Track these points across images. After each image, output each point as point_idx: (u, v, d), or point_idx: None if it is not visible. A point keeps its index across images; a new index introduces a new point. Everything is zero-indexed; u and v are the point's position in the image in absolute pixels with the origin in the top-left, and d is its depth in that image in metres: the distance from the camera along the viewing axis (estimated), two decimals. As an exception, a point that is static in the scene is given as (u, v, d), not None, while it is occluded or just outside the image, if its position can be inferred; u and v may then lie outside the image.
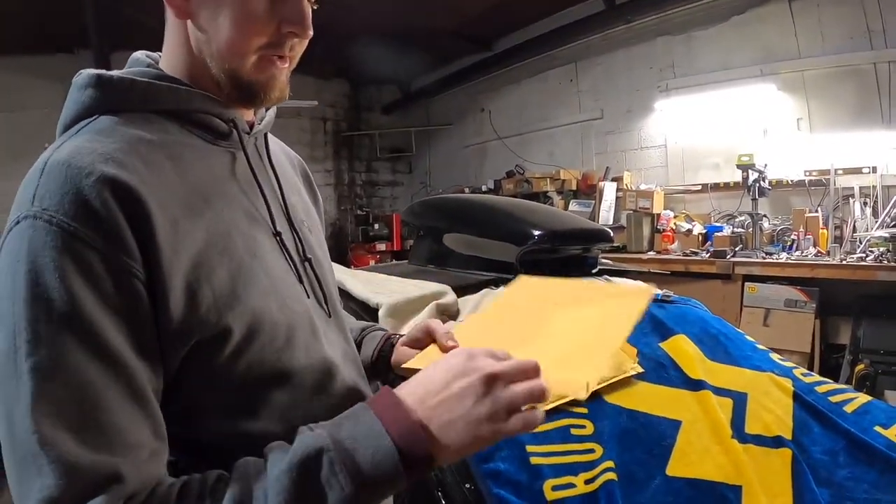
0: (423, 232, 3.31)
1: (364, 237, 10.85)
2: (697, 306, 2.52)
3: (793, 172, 6.21)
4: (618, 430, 1.75)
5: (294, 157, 1.43)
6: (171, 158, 0.98)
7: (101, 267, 0.84)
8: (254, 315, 0.98)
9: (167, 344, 0.90)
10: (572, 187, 8.13)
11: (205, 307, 0.92)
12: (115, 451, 0.81)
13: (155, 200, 0.89)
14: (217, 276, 0.95)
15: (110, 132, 0.95)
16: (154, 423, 0.87)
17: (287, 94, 1.11)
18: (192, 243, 0.93)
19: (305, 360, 1.07)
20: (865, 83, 5.77)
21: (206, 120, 1.07)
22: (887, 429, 1.84)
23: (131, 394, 0.85)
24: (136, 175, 0.89)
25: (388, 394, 0.91)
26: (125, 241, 0.86)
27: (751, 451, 1.74)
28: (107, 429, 0.81)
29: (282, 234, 1.12)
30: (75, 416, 0.80)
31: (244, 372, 0.97)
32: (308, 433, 0.88)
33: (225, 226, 1.00)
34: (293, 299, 1.09)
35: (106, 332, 0.83)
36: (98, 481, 0.79)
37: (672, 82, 7.25)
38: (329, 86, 11.37)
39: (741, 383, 1.99)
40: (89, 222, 0.84)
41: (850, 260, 5.36)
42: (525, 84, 9.41)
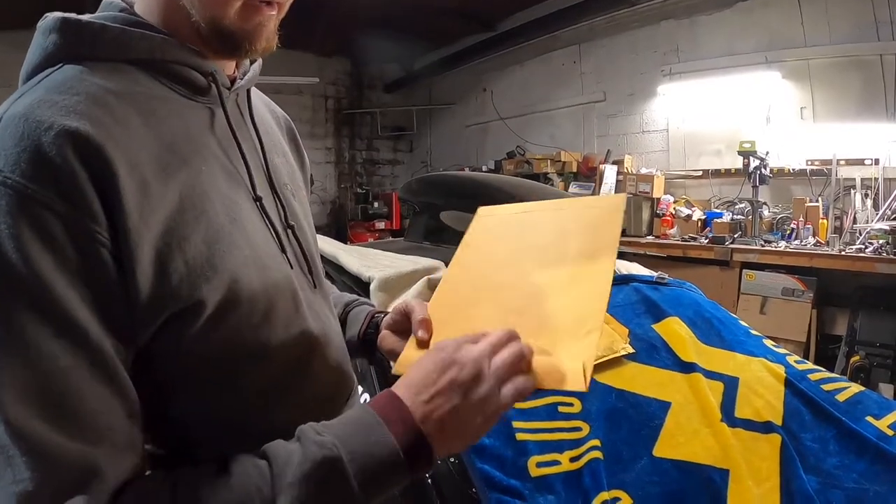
0: (419, 208, 3.29)
1: (363, 215, 10.84)
2: (692, 290, 2.51)
3: (794, 161, 6.18)
4: (606, 409, 1.73)
5: (280, 115, 1.34)
6: (142, 114, 0.88)
7: (62, 233, 0.75)
8: (231, 286, 0.90)
9: (136, 318, 0.82)
10: (573, 169, 8.10)
11: (176, 279, 0.84)
12: (90, 439, 0.74)
13: (123, 159, 0.81)
14: (191, 243, 0.87)
15: (74, 83, 0.85)
16: (127, 404, 0.80)
17: (274, 45, 1.01)
18: (164, 207, 0.85)
19: (285, 335, 1.00)
20: (871, 74, 5.72)
21: (183, 72, 0.97)
22: (879, 419, 1.83)
23: (101, 373, 0.77)
24: (103, 130, 0.81)
25: (391, 399, 0.87)
26: (89, 205, 0.77)
27: (740, 435, 1.73)
28: (78, 414, 0.74)
29: (262, 199, 1.04)
30: (43, 401, 0.72)
31: (219, 348, 0.90)
32: (315, 438, 0.83)
33: (202, 186, 0.91)
34: (274, 269, 1.01)
35: (70, 305, 0.75)
36: (77, 475, 0.72)
37: (676, 67, 7.21)
38: (330, 63, 11.35)
39: (733, 367, 1.97)
40: (49, 183, 0.75)
41: (849, 251, 5.34)
42: (528, 65, 9.37)
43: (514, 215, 1.34)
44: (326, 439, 0.82)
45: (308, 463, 0.79)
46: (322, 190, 11.46)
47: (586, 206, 1.27)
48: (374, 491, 0.82)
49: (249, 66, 1.12)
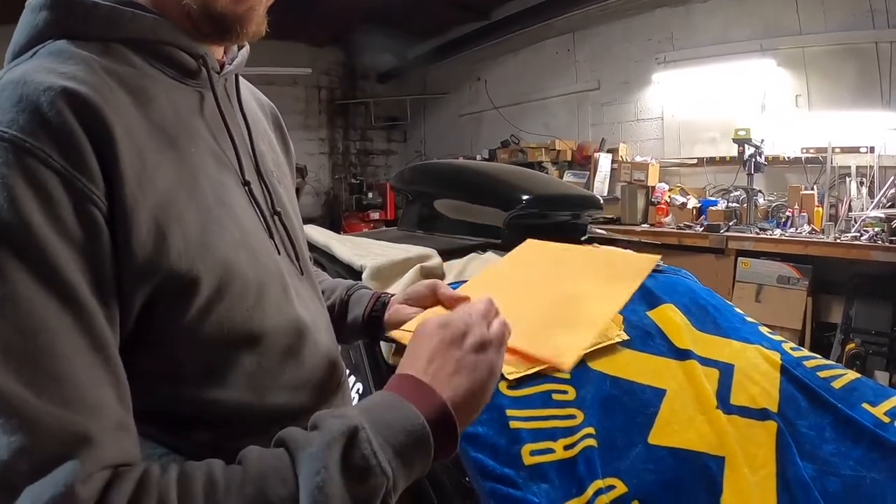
0: (412, 197, 3.27)
1: (357, 206, 10.82)
2: (687, 277, 2.50)
3: (790, 149, 6.19)
4: (600, 396, 1.72)
5: (266, 104, 1.32)
6: (132, 92, 0.86)
7: (59, 189, 0.73)
8: (224, 267, 0.89)
9: (126, 286, 0.78)
10: (567, 158, 8.13)
11: (175, 253, 0.82)
12: (79, 409, 0.69)
13: (121, 126, 0.79)
14: (187, 221, 0.85)
15: (68, 55, 0.83)
16: (117, 382, 0.75)
17: (263, 29, 1.00)
18: (160, 181, 0.83)
19: (276, 320, 0.99)
20: (866, 62, 5.73)
21: (173, 54, 0.94)
22: (875, 406, 1.82)
23: (91, 342, 0.73)
24: (101, 96, 0.79)
25: (401, 378, 0.88)
26: (87, 164, 0.75)
27: (735, 422, 1.72)
28: (66, 381, 0.69)
29: (251, 184, 1.03)
30: (31, 364, 0.67)
31: (213, 331, 0.88)
32: (334, 415, 0.81)
33: (192, 168, 0.90)
34: (264, 254, 1.00)
35: (63, 265, 0.72)
36: (66, 440, 0.67)
37: (670, 55, 7.21)
38: (323, 53, 11.34)
39: (728, 354, 1.96)
40: (47, 138, 0.73)
41: (844, 239, 5.35)
42: (522, 53, 9.38)
43: (554, 250, 1.46)
44: (348, 412, 0.81)
45: (327, 437, 0.77)
46: (316, 181, 11.46)
47: (621, 256, 1.46)
48: (405, 466, 0.81)
49: (237, 51, 1.10)
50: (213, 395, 0.91)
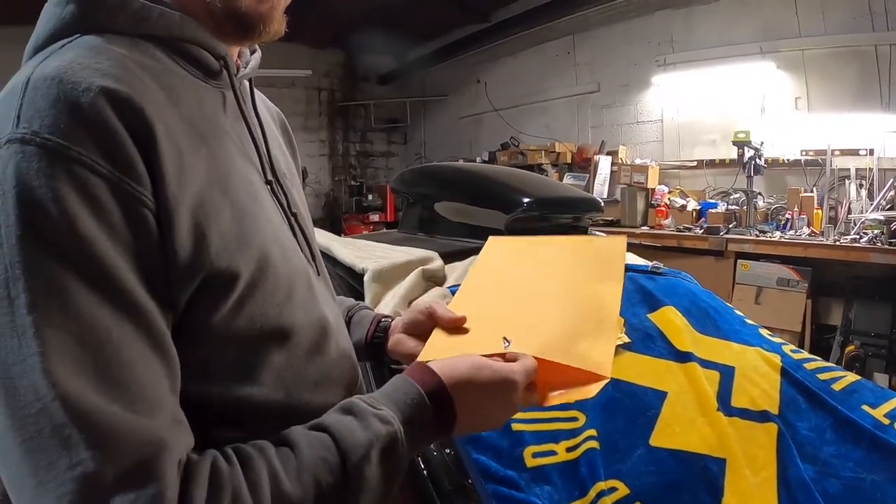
0: (412, 200, 3.27)
1: (358, 208, 10.84)
2: (687, 279, 2.50)
3: (789, 151, 6.20)
4: (602, 398, 1.70)
5: (273, 110, 1.33)
6: (164, 88, 0.85)
7: (107, 194, 0.72)
8: (259, 262, 0.89)
9: (175, 285, 0.79)
10: (567, 160, 8.14)
11: (213, 251, 0.82)
12: (148, 412, 0.71)
13: (161, 123, 0.79)
14: (223, 217, 0.85)
15: (101, 50, 0.81)
16: (172, 374, 0.77)
17: (283, 28, 1.00)
18: (196, 179, 0.83)
19: (304, 317, 1.00)
20: (865, 65, 5.73)
21: (197, 53, 0.94)
22: (875, 408, 1.83)
23: (151, 343, 0.74)
24: (140, 94, 0.78)
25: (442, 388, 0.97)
26: (133, 165, 0.75)
27: (736, 424, 1.72)
28: (134, 386, 0.70)
29: (272, 184, 1.05)
30: (100, 374, 0.68)
31: (246, 327, 0.89)
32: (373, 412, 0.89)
33: (223, 166, 0.90)
34: (292, 251, 1.02)
35: (120, 272, 0.72)
36: (143, 446, 0.68)
37: (670, 57, 7.21)
38: (324, 55, 11.33)
39: (729, 357, 1.96)
40: (91, 143, 0.71)
41: (843, 241, 5.35)
42: (522, 56, 9.39)
43: (522, 245, 1.46)
44: (385, 414, 0.89)
45: (372, 436, 0.86)
46: (316, 183, 11.46)
47: (588, 242, 1.44)
48: (412, 453, 0.93)
49: (250, 56, 1.10)
50: (242, 392, 0.91)
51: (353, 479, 0.82)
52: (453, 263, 2.36)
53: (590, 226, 2.90)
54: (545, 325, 1.15)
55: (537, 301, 1.24)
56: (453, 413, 0.96)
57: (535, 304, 1.23)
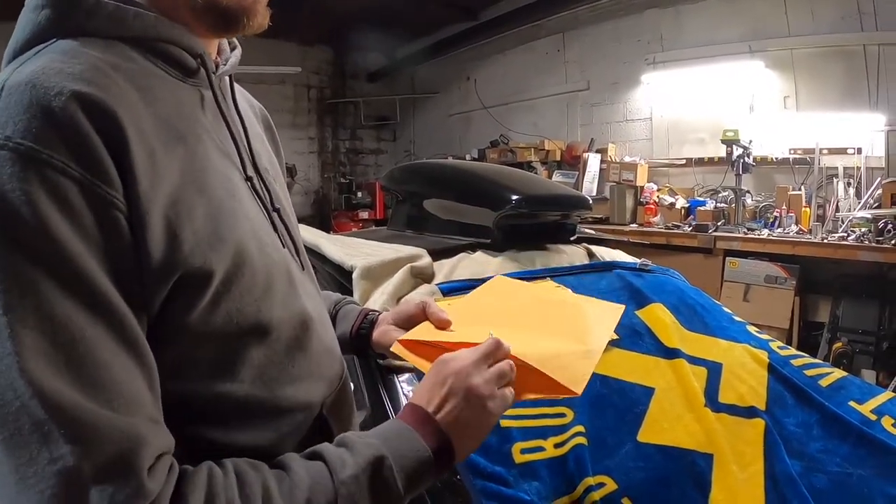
0: (401, 197, 3.27)
1: (347, 205, 10.82)
2: (675, 276, 2.50)
3: (778, 150, 6.23)
4: (590, 395, 1.71)
5: (256, 105, 1.33)
6: (139, 89, 0.85)
7: (79, 197, 0.73)
8: (234, 258, 0.90)
9: (148, 286, 0.80)
10: (556, 158, 8.16)
11: (187, 248, 0.82)
12: (126, 409, 0.72)
13: (132, 125, 0.79)
14: (197, 215, 0.85)
15: (75, 53, 0.82)
16: (151, 377, 0.78)
17: (266, 22, 1.00)
18: (169, 178, 0.83)
19: (283, 312, 1.00)
20: (854, 64, 5.76)
21: (174, 53, 0.94)
22: (862, 404, 1.84)
23: (126, 344, 0.75)
24: (111, 96, 0.78)
25: (414, 409, 1.00)
26: (105, 168, 0.75)
27: (724, 420, 1.73)
28: (110, 385, 0.72)
29: (252, 180, 1.04)
30: (74, 371, 0.69)
31: (223, 323, 0.89)
32: (361, 440, 0.93)
33: (200, 162, 0.90)
34: (271, 246, 1.01)
35: (92, 274, 0.73)
36: (121, 440, 0.70)
37: (659, 55, 7.23)
38: (313, 52, 11.32)
39: (716, 353, 1.97)
40: (63, 147, 0.72)
41: (831, 239, 5.38)
42: (511, 54, 9.39)
43: (526, 287, 1.50)
44: (372, 441, 0.93)
45: (360, 460, 0.89)
46: (305, 180, 11.43)
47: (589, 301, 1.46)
48: (411, 489, 0.93)
49: (230, 53, 1.11)
50: (222, 389, 0.92)
51: (344, 502, 0.86)
52: (442, 261, 2.36)
53: (578, 223, 2.90)
54: (532, 336, 1.18)
55: (529, 322, 1.27)
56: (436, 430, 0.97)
57: (526, 324, 1.26)
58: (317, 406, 1.08)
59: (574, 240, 2.75)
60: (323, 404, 1.10)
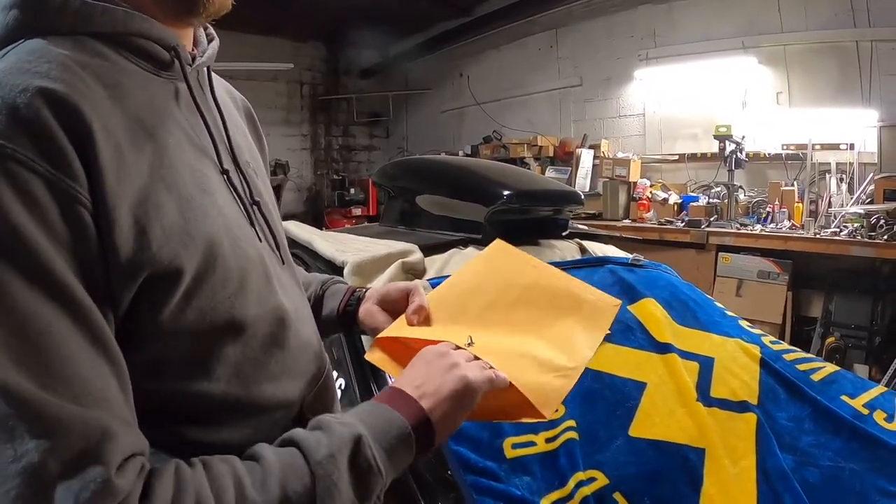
0: (393, 193, 3.27)
1: (340, 202, 10.78)
2: (668, 271, 2.51)
3: (770, 145, 6.23)
4: (581, 389, 1.72)
5: (238, 97, 1.31)
6: (108, 86, 0.84)
7: (44, 193, 0.72)
8: (206, 254, 0.88)
9: (115, 283, 0.78)
10: (549, 154, 8.16)
11: (156, 245, 0.81)
12: (91, 403, 0.70)
13: (98, 122, 0.78)
14: (166, 212, 0.84)
15: (42, 52, 0.80)
16: (119, 373, 0.76)
17: (229, 5, 0.98)
18: (137, 175, 0.82)
19: (258, 308, 0.99)
20: (847, 60, 5.76)
21: (146, 46, 0.92)
22: (854, 398, 1.84)
23: (93, 340, 0.73)
24: (77, 93, 0.77)
25: (393, 390, 1.01)
26: (70, 163, 0.74)
27: (715, 414, 1.73)
28: (77, 380, 0.70)
29: (229, 173, 1.02)
30: (39, 366, 0.68)
31: (195, 321, 0.87)
32: (337, 420, 0.91)
33: (170, 159, 0.88)
34: (246, 241, 1.00)
35: (56, 268, 0.71)
36: (88, 435, 0.68)
37: (652, 51, 7.23)
38: (305, 49, 11.28)
39: (709, 348, 1.97)
40: (28, 141, 0.71)
41: (824, 234, 5.38)
42: (504, 50, 9.38)
43: (523, 260, 1.43)
44: (348, 420, 0.92)
45: (335, 439, 0.87)
46: (298, 177, 11.40)
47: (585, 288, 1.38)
48: (392, 466, 0.92)
49: (207, 44, 1.09)
50: (198, 388, 0.91)
51: (322, 484, 0.84)
52: (433, 256, 2.36)
53: (571, 219, 2.90)
54: (513, 342, 1.17)
55: (515, 319, 1.25)
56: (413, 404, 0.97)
57: (512, 321, 1.24)
58: (297, 403, 1.07)
59: (566, 235, 2.75)
60: (303, 402, 1.09)
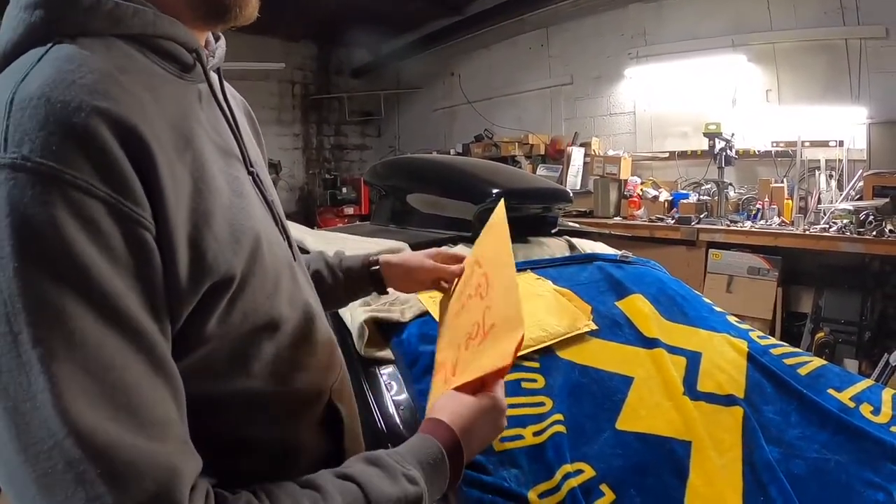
0: (384, 192, 3.28)
1: (332, 201, 10.75)
2: (656, 267, 2.52)
3: (760, 143, 6.26)
4: (569, 384, 1.73)
5: (238, 98, 1.28)
6: (148, 90, 0.82)
7: (106, 217, 0.69)
8: (249, 258, 0.89)
9: (176, 300, 0.77)
10: (541, 152, 8.17)
11: (210, 256, 0.81)
12: (159, 437, 0.70)
13: (154, 139, 0.76)
14: (215, 220, 0.83)
15: (82, 60, 0.76)
16: (176, 394, 0.76)
17: (256, 11, 0.96)
18: (185, 187, 0.80)
19: (289, 306, 1.00)
20: (836, 58, 5.79)
21: (172, 49, 0.91)
22: (840, 392, 1.85)
23: (156, 367, 0.73)
24: (130, 109, 0.74)
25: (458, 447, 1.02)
26: (132, 187, 0.72)
27: (702, 408, 1.74)
28: (142, 412, 0.69)
29: (255, 174, 1.03)
30: (108, 401, 0.67)
31: (239, 322, 0.88)
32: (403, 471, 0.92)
33: (206, 164, 0.87)
34: (275, 242, 1.01)
35: (121, 298, 0.70)
36: (158, 478, 0.67)
37: (643, 50, 7.25)
38: (297, 48, 11.25)
39: (696, 343, 1.98)
40: (86, 165, 0.68)
41: (813, 231, 5.41)
42: (495, 49, 9.38)
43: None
44: (411, 470, 0.93)
45: (400, 493, 0.89)
46: (290, 176, 11.38)
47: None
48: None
49: (216, 45, 1.07)
50: (238, 386, 0.92)
51: None
52: (422, 253, 2.37)
53: (560, 216, 2.91)
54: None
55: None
56: (462, 461, 1.01)
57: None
58: (326, 393, 1.09)
59: (555, 232, 2.76)
60: (331, 391, 1.11)
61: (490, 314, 1.22)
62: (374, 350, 1.90)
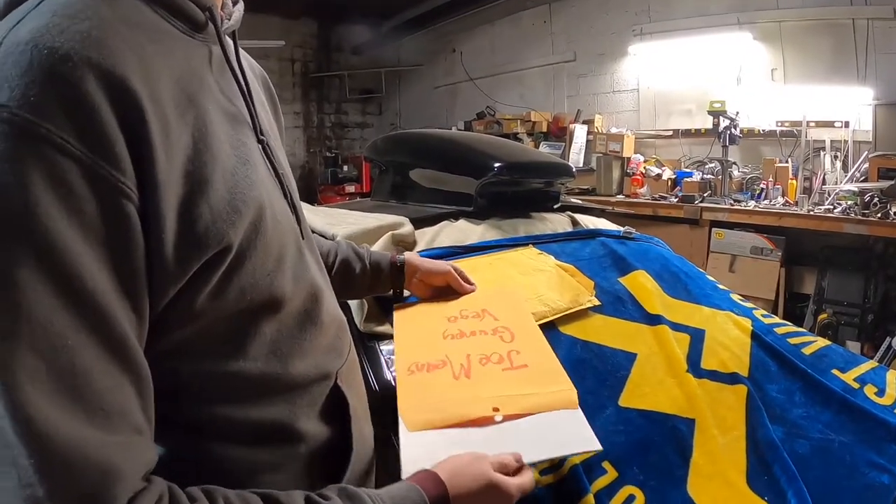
0: (385, 168, 3.25)
1: (333, 179, 10.74)
2: (659, 244, 2.50)
3: (765, 122, 6.23)
4: (571, 359, 1.71)
5: (256, 67, 1.24)
6: (154, 42, 0.78)
7: (82, 182, 0.64)
8: (249, 231, 0.84)
9: (159, 281, 0.74)
10: (543, 129, 8.13)
11: (202, 226, 0.77)
12: (104, 428, 0.66)
13: (147, 95, 0.71)
14: (212, 188, 0.79)
15: (82, 6, 0.71)
16: (138, 380, 0.71)
17: None
18: (182, 149, 0.76)
19: (294, 284, 0.97)
20: (842, 38, 5.74)
21: (183, 5, 0.86)
22: (844, 372, 1.84)
23: (114, 350, 0.68)
24: (124, 61, 0.70)
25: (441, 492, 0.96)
26: (114, 150, 0.67)
27: (706, 385, 1.73)
28: (90, 396, 0.65)
29: (265, 142, 0.99)
30: (53, 383, 0.63)
31: (236, 298, 0.84)
32: None
33: (211, 126, 0.83)
34: (281, 215, 0.96)
35: (84, 270, 0.65)
36: (94, 477, 0.64)
37: (647, 27, 7.19)
38: (296, 26, 11.19)
39: (699, 320, 1.97)
40: (66, 121, 0.63)
41: (817, 211, 5.39)
42: (497, 25, 9.32)
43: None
44: None
45: None
46: (291, 155, 11.35)
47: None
48: None
49: (232, 7, 1.02)
50: (236, 367, 0.89)
51: None
52: (423, 229, 2.35)
53: (562, 192, 2.89)
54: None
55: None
56: None
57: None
58: (332, 377, 1.06)
59: (558, 208, 2.74)
60: (337, 375, 1.07)
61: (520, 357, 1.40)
62: (373, 325, 1.88)
